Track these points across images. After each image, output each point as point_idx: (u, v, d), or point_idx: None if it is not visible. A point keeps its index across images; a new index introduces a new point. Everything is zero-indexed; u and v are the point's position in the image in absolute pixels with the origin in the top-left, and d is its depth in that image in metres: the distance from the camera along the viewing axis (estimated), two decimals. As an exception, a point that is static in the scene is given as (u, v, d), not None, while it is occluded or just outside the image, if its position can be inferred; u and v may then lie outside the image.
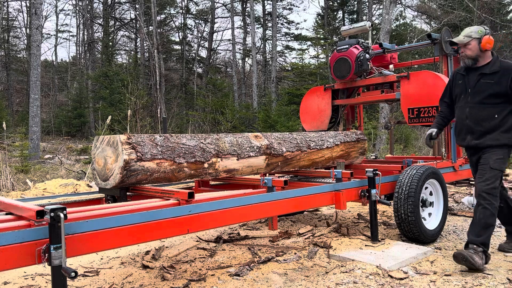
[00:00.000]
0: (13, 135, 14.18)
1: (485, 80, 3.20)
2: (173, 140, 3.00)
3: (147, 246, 3.90)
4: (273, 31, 22.76)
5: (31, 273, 3.18)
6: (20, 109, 24.85)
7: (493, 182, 3.11)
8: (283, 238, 4.01)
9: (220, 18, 37.70)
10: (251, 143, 3.50)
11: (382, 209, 5.32)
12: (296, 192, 3.11)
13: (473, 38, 3.21)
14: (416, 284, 2.81)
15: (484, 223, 3.05)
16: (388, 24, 13.28)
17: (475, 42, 3.21)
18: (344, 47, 4.76)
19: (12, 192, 6.85)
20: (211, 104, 17.26)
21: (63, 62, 35.46)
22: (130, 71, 21.60)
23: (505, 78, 3.12)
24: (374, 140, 13.42)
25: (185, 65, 27.41)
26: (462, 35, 3.27)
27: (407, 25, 25.24)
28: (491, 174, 3.13)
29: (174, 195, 2.68)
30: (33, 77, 12.62)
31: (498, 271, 3.03)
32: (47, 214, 1.88)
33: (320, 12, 29.12)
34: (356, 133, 4.69)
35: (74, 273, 1.80)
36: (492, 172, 3.13)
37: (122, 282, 2.98)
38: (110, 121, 10.37)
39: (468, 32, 3.25)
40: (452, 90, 3.50)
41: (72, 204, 2.92)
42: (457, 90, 3.42)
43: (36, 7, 12.76)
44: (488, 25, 18.92)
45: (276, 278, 2.96)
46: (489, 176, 3.13)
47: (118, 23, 28.98)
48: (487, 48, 3.17)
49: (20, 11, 35.07)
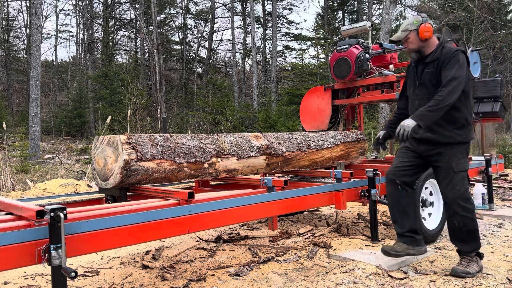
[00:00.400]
0: (13, 135, 14.18)
1: (428, 70, 3.04)
2: (173, 140, 3.00)
3: (147, 246, 3.90)
4: (273, 31, 22.77)
5: (31, 273, 3.18)
6: (20, 109, 24.86)
7: (463, 185, 2.97)
8: (283, 238, 4.01)
9: (220, 18, 37.74)
10: (251, 143, 3.50)
11: (382, 209, 5.32)
12: (296, 192, 3.11)
13: (410, 31, 3.05)
14: (416, 284, 2.81)
15: (467, 230, 2.95)
16: (388, 24, 13.28)
17: (413, 34, 3.05)
18: (344, 47, 4.76)
19: (12, 192, 6.85)
20: (211, 104, 17.26)
21: (63, 62, 35.49)
22: (130, 71, 21.61)
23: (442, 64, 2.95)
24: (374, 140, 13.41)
25: (185, 65, 27.42)
26: (400, 30, 3.12)
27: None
28: (458, 178, 2.97)
29: (174, 195, 2.68)
30: (33, 77, 12.62)
31: (498, 271, 3.03)
32: (47, 214, 1.88)
33: (320, 12, 29.15)
34: (356, 133, 4.69)
35: (74, 273, 1.80)
36: (459, 176, 2.98)
37: (122, 282, 2.98)
38: (110, 121, 10.37)
39: (405, 26, 3.09)
40: (406, 83, 3.34)
41: (72, 204, 2.92)
42: (408, 83, 3.26)
43: (36, 7, 12.76)
44: (488, 25, 18.94)
45: (276, 278, 2.96)
46: (457, 181, 2.97)
47: (118, 23, 28.99)
48: (426, 37, 3.01)
49: (20, 11, 35.08)
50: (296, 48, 28.95)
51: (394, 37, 3.17)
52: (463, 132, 3.02)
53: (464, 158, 3.03)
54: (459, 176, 2.97)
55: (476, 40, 18.15)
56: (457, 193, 2.96)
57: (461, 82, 2.87)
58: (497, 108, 4.74)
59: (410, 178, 3.17)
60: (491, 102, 4.79)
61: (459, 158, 2.99)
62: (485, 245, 3.73)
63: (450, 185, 2.98)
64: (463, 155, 3.02)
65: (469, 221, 2.95)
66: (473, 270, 2.92)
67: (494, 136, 11.06)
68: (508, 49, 20.19)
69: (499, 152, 8.33)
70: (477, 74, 4.93)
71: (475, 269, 2.94)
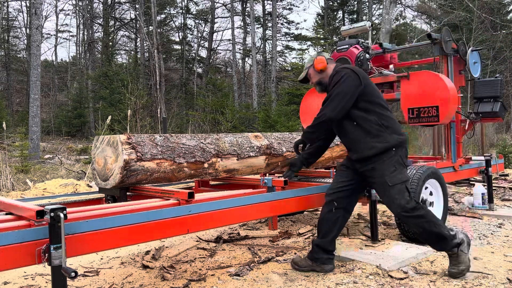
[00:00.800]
0: (13, 135, 14.19)
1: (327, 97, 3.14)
2: (173, 140, 3.00)
3: (147, 246, 3.90)
4: (273, 31, 22.77)
5: (31, 273, 3.18)
6: (20, 109, 24.87)
7: (402, 198, 2.88)
8: (283, 238, 4.01)
9: (220, 18, 37.64)
10: (251, 143, 3.50)
11: (382, 209, 5.32)
12: (296, 192, 3.11)
13: (308, 68, 3.24)
14: (416, 284, 2.81)
15: (428, 233, 2.88)
16: (388, 24, 13.28)
17: (312, 70, 3.22)
18: (344, 47, 4.76)
19: (12, 192, 6.86)
20: (211, 104, 17.25)
21: (63, 62, 35.49)
22: (130, 71, 21.58)
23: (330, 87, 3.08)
24: (374, 140, 13.40)
25: (185, 65, 27.43)
26: (303, 71, 3.32)
27: (407, 25, 25.26)
28: (395, 191, 2.89)
29: (174, 195, 2.68)
30: (33, 77, 12.62)
31: (498, 271, 3.02)
32: (47, 214, 1.88)
33: (320, 12, 29.17)
34: (356, 133, 4.69)
35: (74, 273, 1.80)
36: (395, 189, 2.89)
37: (122, 282, 2.98)
38: (110, 121, 10.37)
39: (305, 66, 3.31)
40: None
41: (72, 204, 2.92)
42: None
43: (36, 7, 12.76)
44: (488, 25, 18.94)
45: (276, 278, 2.96)
46: (394, 195, 2.89)
47: (118, 23, 29.00)
48: (321, 68, 3.14)
49: (20, 11, 35.05)
50: (296, 48, 28.97)
51: (300, 78, 3.37)
52: (382, 139, 2.93)
53: (399, 170, 2.92)
54: (395, 189, 2.89)
55: (476, 40, 18.15)
56: (398, 208, 2.90)
57: (344, 95, 2.94)
58: (497, 108, 4.73)
59: (347, 200, 3.11)
60: (491, 102, 4.79)
61: (391, 171, 2.90)
62: (485, 245, 3.74)
63: (390, 200, 2.93)
64: (396, 167, 2.91)
65: (424, 224, 2.87)
66: (464, 266, 2.85)
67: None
68: (508, 49, 20.18)
69: (499, 152, 8.33)
70: (477, 74, 4.94)
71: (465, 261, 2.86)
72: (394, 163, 2.91)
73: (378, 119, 2.96)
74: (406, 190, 2.91)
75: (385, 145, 2.92)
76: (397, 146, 2.94)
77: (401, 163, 2.95)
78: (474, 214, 4.88)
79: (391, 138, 2.94)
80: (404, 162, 2.98)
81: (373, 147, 2.92)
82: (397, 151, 2.94)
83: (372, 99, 3.01)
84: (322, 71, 3.17)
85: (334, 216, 3.06)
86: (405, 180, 2.94)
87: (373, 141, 2.93)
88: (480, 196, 5.19)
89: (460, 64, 4.83)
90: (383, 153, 2.92)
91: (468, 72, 4.86)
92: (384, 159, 2.92)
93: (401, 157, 2.95)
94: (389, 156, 2.92)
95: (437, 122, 4.15)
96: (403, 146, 3.00)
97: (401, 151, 2.97)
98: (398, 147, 2.95)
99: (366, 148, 2.95)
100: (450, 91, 4.08)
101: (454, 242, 2.86)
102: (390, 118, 3.02)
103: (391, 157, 2.91)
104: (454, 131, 4.62)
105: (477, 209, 5.12)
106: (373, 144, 2.93)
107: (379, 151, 2.91)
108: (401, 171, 2.93)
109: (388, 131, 2.95)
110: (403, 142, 2.99)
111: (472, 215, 4.87)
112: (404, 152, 3.00)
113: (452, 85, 4.21)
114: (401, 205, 2.88)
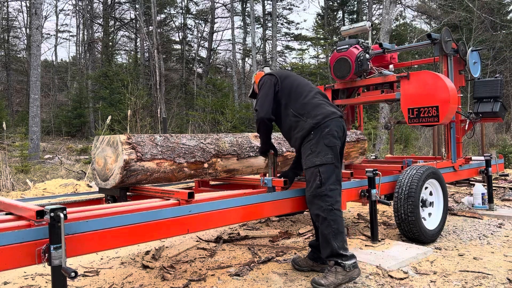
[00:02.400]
0: (13, 135, 14.19)
1: None
2: (173, 140, 3.00)
3: (147, 246, 3.90)
4: (273, 31, 22.76)
5: (31, 273, 3.18)
6: (20, 109, 24.86)
7: (314, 181, 2.79)
8: (283, 238, 4.01)
9: (220, 18, 37.76)
10: (251, 143, 3.50)
11: (382, 209, 5.32)
12: (296, 192, 3.11)
13: (253, 84, 3.43)
14: (416, 284, 2.81)
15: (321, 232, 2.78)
16: (388, 24, 13.28)
17: (255, 86, 3.38)
18: (344, 47, 4.76)
19: (12, 192, 6.85)
20: (211, 104, 17.25)
21: (63, 62, 35.48)
22: (130, 71, 21.59)
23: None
24: (374, 140, 13.43)
25: (185, 65, 27.41)
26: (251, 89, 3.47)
27: (407, 25, 25.26)
28: (308, 174, 2.85)
29: (174, 195, 2.68)
30: (33, 77, 12.62)
31: (498, 271, 3.03)
32: (47, 214, 1.88)
33: (320, 12, 29.18)
34: (356, 133, 4.69)
35: (74, 273, 1.80)
36: (308, 172, 2.85)
37: (122, 282, 2.98)
38: (110, 121, 10.37)
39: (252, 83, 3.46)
40: None
41: (72, 204, 2.92)
42: None
43: (36, 7, 12.76)
44: (488, 25, 18.94)
45: (276, 278, 2.96)
46: (309, 179, 2.84)
47: (118, 23, 28.98)
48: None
49: (20, 11, 35.05)
50: (296, 48, 28.99)
51: (249, 94, 3.52)
52: (300, 128, 2.92)
53: (314, 153, 2.82)
54: (308, 172, 2.85)
55: (476, 40, 18.16)
56: (309, 191, 2.85)
57: (265, 96, 3.03)
58: (497, 108, 4.74)
59: None
60: (491, 102, 4.79)
61: (307, 154, 2.87)
62: (485, 245, 3.74)
63: (306, 184, 2.91)
64: (312, 150, 2.83)
65: (321, 220, 2.76)
66: (326, 282, 2.66)
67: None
68: (508, 49, 20.19)
69: (499, 152, 8.33)
70: (477, 74, 4.94)
71: (331, 281, 2.67)
72: (310, 146, 2.86)
73: (294, 110, 2.99)
74: (320, 174, 2.79)
75: (303, 133, 2.91)
76: (314, 129, 2.86)
77: (320, 146, 2.82)
78: (474, 214, 4.88)
79: (304, 124, 2.91)
80: (326, 143, 2.83)
81: (296, 139, 2.98)
82: (316, 133, 2.85)
83: (290, 92, 3.06)
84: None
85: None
86: (318, 164, 2.80)
87: (295, 133, 2.99)
88: (480, 196, 5.19)
89: (460, 64, 4.84)
90: (304, 139, 2.92)
91: (468, 72, 4.86)
92: (304, 145, 2.93)
93: (316, 142, 2.83)
94: (307, 140, 2.89)
95: (437, 122, 4.16)
96: (323, 126, 2.85)
97: (320, 131, 2.84)
98: (315, 129, 2.85)
99: (294, 142, 3.05)
100: (450, 91, 4.09)
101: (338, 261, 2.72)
102: (306, 104, 2.97)
103: (309, 140, 2.88)
104: (454, 131, 4.62)
105: (477, 209, 5.12)
106: (296, 136, 2.98)
107: (301, 140, 2.94)
108: (316, 155, 2.82)
109: (304, 118, 2.92)
110: (320, 122, 2.86)
111: (472, 215, 4.87)
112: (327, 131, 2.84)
113: (452, 85, 4.21)
114: (312, 188, 2.81)
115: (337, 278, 2.69)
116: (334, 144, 2.85)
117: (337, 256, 2.73)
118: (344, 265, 2.71)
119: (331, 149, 2.83)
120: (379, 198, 3.61)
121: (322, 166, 2.79)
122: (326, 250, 2.77)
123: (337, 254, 2.73)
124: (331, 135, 2.85)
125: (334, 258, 2.74)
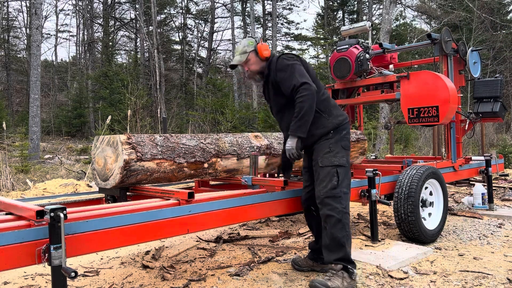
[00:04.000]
0: (13, 135, 14.19)
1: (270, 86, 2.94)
2: (173, 140, 3.00)
3: (147, 246, 3.90)
4: (273, 31, 22.76)
5: (31, 273, 3.18)
6: (20, 109, 24.86)
7: (330, 182, 2.69)
8: (283, 238, 4.01)
9: (220, 18, 37.67)
10: (251, 143, 3.50)
11: (382, 209, 5.32)
12: (296, 192, 3.11)
13: (249, 52, 2.91)
14: (416, 284, 2.81)
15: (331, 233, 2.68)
16: (388, 24, 13.28)
17: (253, 55, 2.92)
18: (344, 47, 4.76)
19: (12, 192, 6.85)
20: (211, 104, 17.24)
21: (63, 62, 35.46)
22: (130, 71, 21.58)
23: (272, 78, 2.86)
24: (374, 140, 13.43)
25: (185, 65, 27.42)
26: (238, 53, 2.95)
27: (407, 25, 25.26)
28: (324, 173, 2.72)
29: (174, 195, 2.68)
30: (33, 77, 12.62)
31: (498, 271, 3.03)
32: (47, 214, 1.88)
33: (320, 12, 29.17)
34: (356, 133, 4.69)
35: (74, 273, 1.80)
36: (324, 171, 2.73)
37: (122, 282, 2.98)
38: (110, 121, 10.37)
39: (242, 49, 2.94)
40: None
41: (72, 204, 2.92)
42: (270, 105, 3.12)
43: (36, 7, 12.76)
44: (488, 25, 18.94)
45: (276, 278, 2.96)
46: (323, 177, 2.72)
47: (118, 23, 28.99)
48: (266, 56, 2.90)
49: (20, 11, 35.09)
50: (296, 48, 28.98)
51: (234, 61, 2.98)
52: (318, 124, 2.79)
53: (332, 152, 2.74)
54: (324, 171, 2.73)
55: (476, 40, 18.16)
56: (322, 190, 2.71)
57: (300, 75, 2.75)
58: (497, 108, 4.74)
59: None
60: (491, 102, 4.79)
61: (324, 152, 2.76)
62: (485, 245, 3.74)
63: (318, 182, 2.76)
64: (331, 149, 2.75)
65: (334, 222, 2.66)
66: (333, 285, 2.58)
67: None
68: (508, 49, 20.19)
69: (499, 152, 8.33)
70: (477, 74, 4.94)
71: (337, 285, 2.59)
72: (329, 145, 2.77)
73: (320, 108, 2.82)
74: (338, 175, 2.71)
75: (323, 130, 2.80)
76: (335, 129, 2.81)
77: (340, 146, 2.78)
78: (474, 214, 4.88)
79: (329, 123, 2.81)
80: (341, 146, 2.79)
81: (314, 135, 2.81)
82: (335, 133, 2.80)
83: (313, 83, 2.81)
84: (266, 59, 2.93)
85: (318, 219, 2.93)
86: (338, 165, 2.73)
87: (312, 129, 2.79)
88: (480, 196, 5.19)
89: (460, 64, 4.84)
90: (322, 137, 2.81)
91: (468, 72, 4.86)
92: (320, 142, 2.81)
93: (336, 142, 2.78)
94: (325, 138, 2.80)
95: (437, 122, 4.16)
96: (341, 128, 2.83)
97: (339, 133, 2.81)
98: (336, 129, 2.81)
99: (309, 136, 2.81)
100: (450, 91, 4.09)
101: (347, 266, 2.67)
102: (326, 101, 2.88)
103: (328, 139, 2.80)
104: (454, 131, 4.62)
105: (477, 209, 5.12)
106: (314, 132, 2.80)
107: (318, 138, 2.81)
108: (334, 155, 2.75)
109: (325, 116, 2.83)
110: (341, 124, 2.82)
111: (472, 215, 4.87)
112: (344, 133, 2.82)
113: (452, 85, 4.21)
114: (327, 188, 2.70)
115: (343, 284, 2.63)
116: (348, 148, 2.85)
117: (348, 261, 2.69)
118: (352, 272, 2.68)
119: (346, 152, 2.82)
120: (379, 198, 3.61)
121: (340, 168, 2.74)
122: (337, 254, 2.68)
123: (348, 259, 2.69)
124: (347, 139, 2.87)
125: (344, 262, 2.67)
